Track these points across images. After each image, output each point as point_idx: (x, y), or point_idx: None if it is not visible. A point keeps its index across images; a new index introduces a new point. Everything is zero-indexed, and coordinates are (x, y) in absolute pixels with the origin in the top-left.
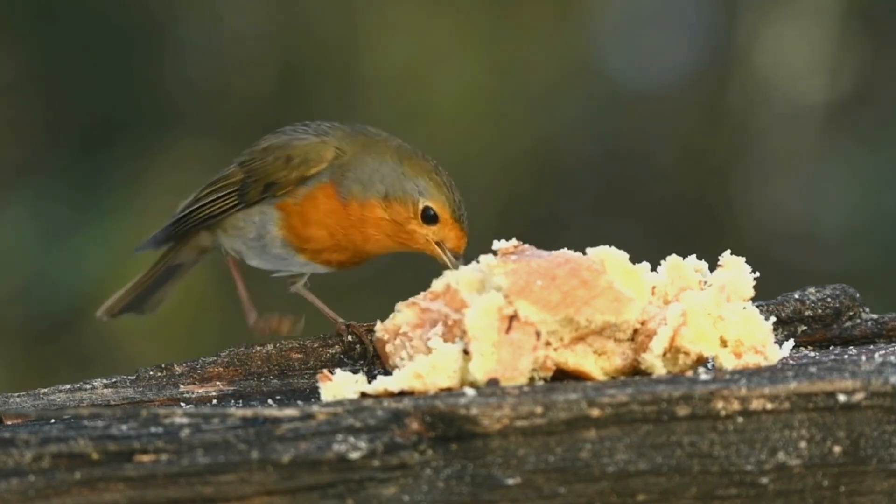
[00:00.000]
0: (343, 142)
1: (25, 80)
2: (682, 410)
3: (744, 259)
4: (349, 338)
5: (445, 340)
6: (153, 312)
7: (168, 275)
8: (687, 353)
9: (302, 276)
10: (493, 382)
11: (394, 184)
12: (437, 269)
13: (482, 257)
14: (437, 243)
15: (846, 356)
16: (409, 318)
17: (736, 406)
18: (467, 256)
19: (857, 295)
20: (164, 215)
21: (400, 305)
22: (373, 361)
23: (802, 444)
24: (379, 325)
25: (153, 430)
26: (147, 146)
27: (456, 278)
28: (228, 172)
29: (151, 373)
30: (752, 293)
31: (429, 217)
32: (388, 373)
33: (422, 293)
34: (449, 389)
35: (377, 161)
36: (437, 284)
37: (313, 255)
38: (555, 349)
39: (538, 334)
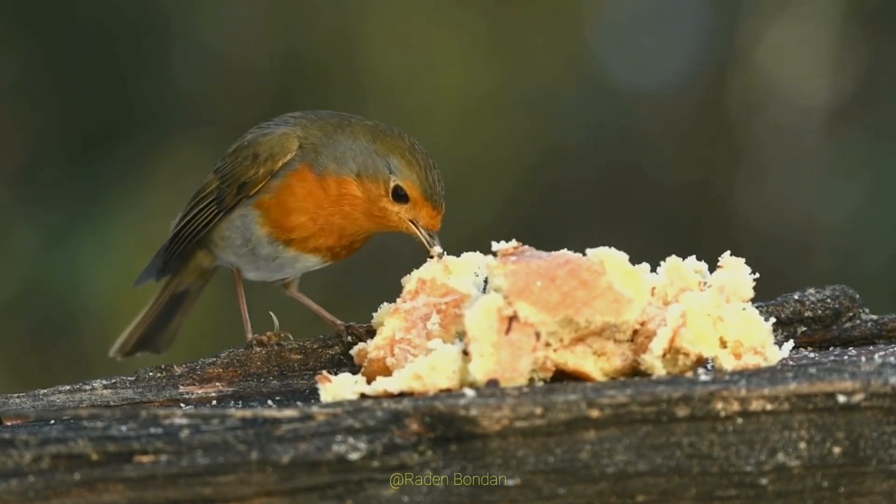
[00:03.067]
0: (308, 129)
1: (27, 83)
2: (682, 411)
3: (743, 260)
4: (349, 339)
5: (443, 327)
6: (169, 348)
7: (175, 304)
8: (686, 354)
9: (295, 280)
10: (492, 383)
11: (366, 162)
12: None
13: (481, 256)
14: (412, 221)
15: (846, 357)
16: (397, 325)
17: (735, 407)
18: (461, 246)
19: (857, 296)
20: (165, 217)
21: (380, 318)
22: None
23: (802, 445)
24: (370, 344)
25: (153, 430)
26: (149, 150)
27: (425, 271)
28: (206, 182)
29: (151, 374)
30: (751, 294)
31: (399, 196)
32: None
33: (397, 300)
34: (448, 390)
35: (350, 139)
36: (410, 284)
37: (301, 244)
38: (554, 350)
39: (538, 335)
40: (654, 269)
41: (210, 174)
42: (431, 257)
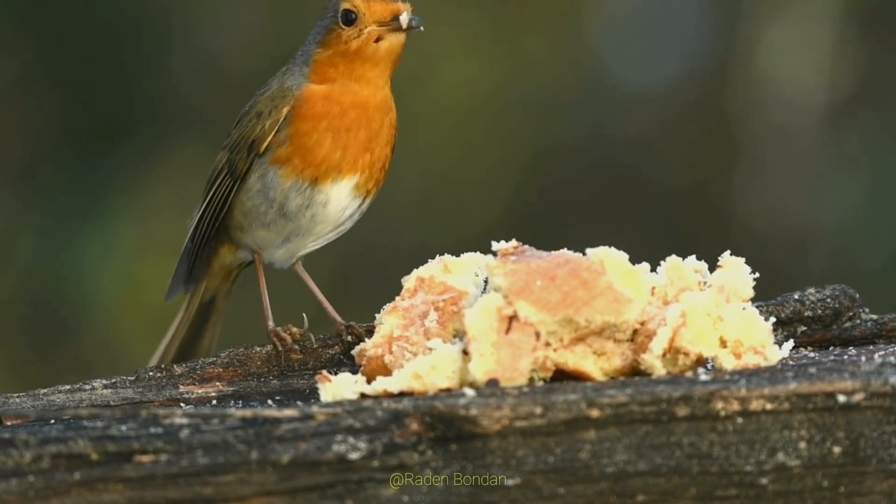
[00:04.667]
0: (293, 68)
1: (27, 83)
2: (682, 411)
3: (743, 260)
4: (349, 338)
5: (441, 324)
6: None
7: (206, 314)
8: (686, 354)
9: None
10: (492, 383)
11: (317, 31)
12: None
13: (481, 256)
14: (378, 26)
15: (846, 357)
16: (395, 323)
17: (735, 407)
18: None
19: (857, 296)
20: (166, 217)
21: (380, 317)
22: None
23: (802, 445)
24: (368, 343)
25: (153, 430)
26: (150, 149)
27: (424, 270)
28: (216, 161)
29: (151, 373)
30: (751, 294)
31: (349, 18)
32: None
33: (396, 298)
34: (448, 390)
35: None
36: (409, 283)
37: (335, 170)
38: (554, 350)
39: (538, 335)
40: (654, 269)
41: (219, 153)
42: (404, 29)
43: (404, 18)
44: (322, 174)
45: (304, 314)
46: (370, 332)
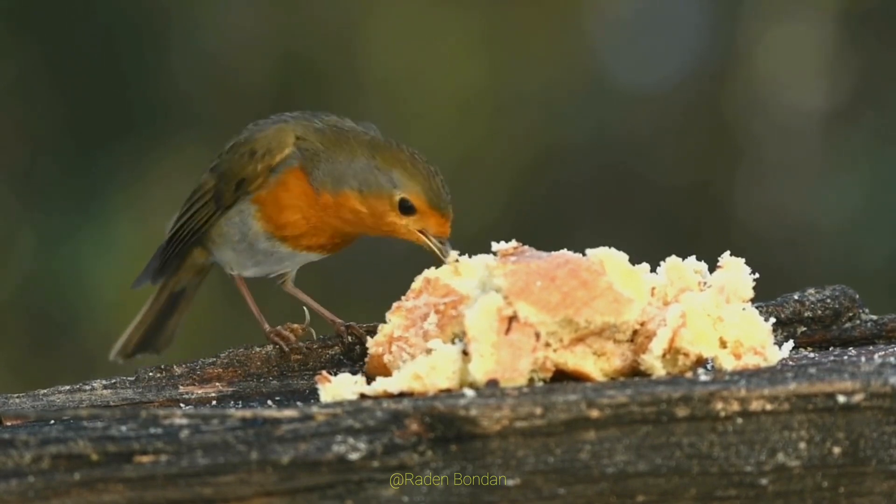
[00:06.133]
0: (307, 131)
1: (27, 83)
2: (682, 411)
3: (743, 260)
4: (349, 339)
5: (440, 327)
6: (168, 347)
7: (173, 304)
8: (686, 355)
9: (291, 275)
10: (492, 383)
11: (367, 179)
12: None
13: (480, 257)
14: (421, 231)
15: (846, 357)
16: (398, 322)
17: (735, 407)
18: (461, 246)
19: (857, 296)
20: (165, 216)
21: (388, 315)
22: None
23: (802, 445)
24: (370, 341)
25: (152, 431)
26: (149, 149)
27: (432, 271)
28: (202, 181)
29: (151, 374)
30: (751, 294)
31: (406, 208)
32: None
33: (402, 297)
34: (448, 390)
35: (349, 157)
36: (416, 283)
37: (295, 242)
38: (554, 350)
39: (537, 335)
40: (653, 270)
41: (206, 173)
42: (445, 258)
43: (452, 257)
44: (287, 237)
45: (304, 308)
46: (370, 333)
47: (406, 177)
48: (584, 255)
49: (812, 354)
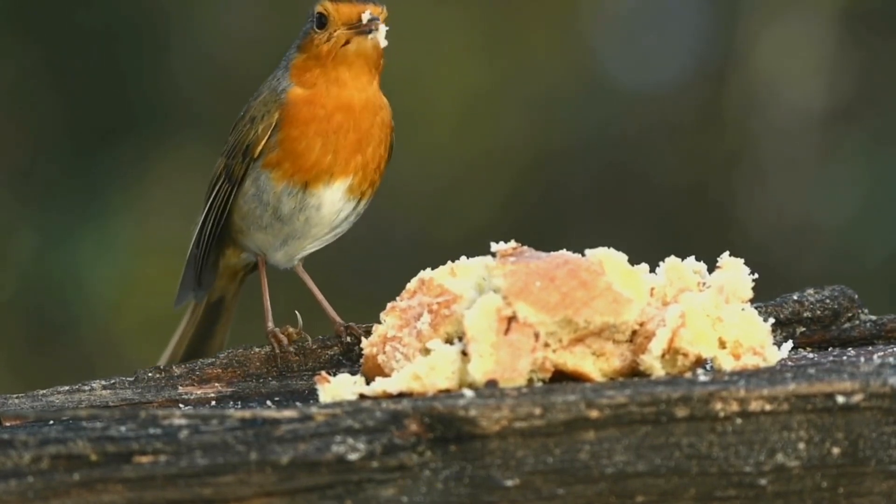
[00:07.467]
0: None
1: (27, 84)
2: (681, 412)
3: (742, 260)
4: (348, 339)
5: (433, 326)
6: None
7: (214, 315)
8: (686, 355)
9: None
10: (491, 384)
11: (301, 31)
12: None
13: (480, 258)
14: (346, 29)
15: (845, 357)
16: (391, 323)
17: (735, 407)
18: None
19: (856, 296)
20: (165, 216)
21: (382, 315)
22: None
23: (801, 446)
24: (364, 342)
25: (152, 431)
26: (149, 149)
27: (427, 272)
28: (215, 166)
29: (150, 374)
30: (750, 294)
31: (321, 21)
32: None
33: (397, 298)
34: (447, 391)
35: None
36: (411, 284)
37: (326, 173)
38: (553, 350)
39: (537, 335)
40: (653, 270)
41: (218, 160)
42: (364, 29)
43: (365, 16)
44: (313, 178)
45: (296, 312)
46: (369, 333)
47: (316, 2)
48: (583, 255)
49: (811, 355)
